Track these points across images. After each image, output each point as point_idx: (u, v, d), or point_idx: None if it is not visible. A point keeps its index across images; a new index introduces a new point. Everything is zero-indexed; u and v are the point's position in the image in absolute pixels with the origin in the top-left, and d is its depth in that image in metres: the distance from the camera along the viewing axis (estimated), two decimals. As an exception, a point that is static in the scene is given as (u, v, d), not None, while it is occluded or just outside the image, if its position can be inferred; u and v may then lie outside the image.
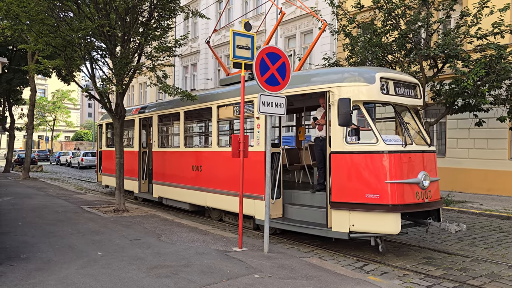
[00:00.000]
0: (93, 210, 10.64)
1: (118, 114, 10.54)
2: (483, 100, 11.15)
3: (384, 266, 6.33)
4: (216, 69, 28.99)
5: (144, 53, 10.35)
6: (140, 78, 36.93)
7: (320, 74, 7.77)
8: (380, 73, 6.93)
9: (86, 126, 75.72)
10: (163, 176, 11.80)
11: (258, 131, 8.20)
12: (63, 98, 57.78)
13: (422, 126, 7.65)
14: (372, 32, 12.84)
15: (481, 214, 11.15)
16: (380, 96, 6.86)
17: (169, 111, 11.79)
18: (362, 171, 6.69)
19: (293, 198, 8.36)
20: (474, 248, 7.53)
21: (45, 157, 50.90)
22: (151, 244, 6.94)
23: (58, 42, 9.37)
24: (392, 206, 6.42)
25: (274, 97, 6.46)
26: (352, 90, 6.84)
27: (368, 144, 6.72)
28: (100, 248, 6.62)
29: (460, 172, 15.66)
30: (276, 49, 6.61)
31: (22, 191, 15.25)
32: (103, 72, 11.06)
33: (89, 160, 35.75)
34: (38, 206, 11.19)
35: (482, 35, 11.28)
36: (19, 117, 28.23)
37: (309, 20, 21.72)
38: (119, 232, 7.90)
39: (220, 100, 9.53)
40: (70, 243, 6.89)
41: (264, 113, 6.39)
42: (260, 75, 6.35)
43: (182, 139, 11.00)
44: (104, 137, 16.24)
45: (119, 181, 10.58)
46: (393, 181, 6.45)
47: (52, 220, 9.02)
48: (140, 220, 9.32)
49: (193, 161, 10.38)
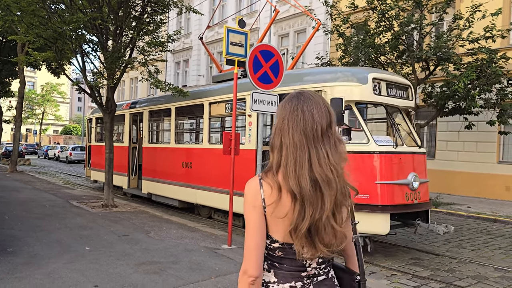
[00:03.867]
0: (81, 205, 10.54)
1: (108, 109, 10.44)
2: (473, 104, 11.23)
3: (372, 266, 6.36)
4: (208, 66, 28.89)
5: (136, 47, 10.26)
6: (132, 73, 36.66)
7: (313, 73, 7.77)
8: (373, 74, 6.95)
9: (76, 120, 74.98)
10: (153, 172, 11.73)
11: (249, 129, 8.19)
12: (52, 91, 57.11)
13: (413, 128, 7.70)
14: (366, 32, 12.89)
15: (469, 216, 11.26)
16: (373, 97, 6.88)
17: (160, 106, 11.72)
18: (352, 171, 6.69)
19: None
20: (461, 249, 7.60)
21: (33, 150, 50.22)
22: (139, 240, 6.89)
23: (49, 34, 9.24)
24: (381, 206, 6.45)
25: (267, 95, 6.44)
26: (344, 90, 6.85)
27: (359, 144, 6.73)
28: (88, 243, 6.56)
29: (449, 175, 15.79)
30: (270, 47, 6.59)
31: (9, 184, 15.05)
32: (94, 66, 10.94)
33: (77, 154, 35.41)
34: (26, 200, 11.05)
35: (474, 39, 11.37)
36: (7, 110, 27.82)
37: (303, 19, 21.72)
38: (108, 228, 7.83)
39: (212, 97, 9.50)
40: (58, 238, 6.81)
41: (256, 111, 6.38)
42: (253, 73, 6.33)
43: (172, 135, 10.94)
44: (94, 131, 16.10)
45: (108, 176, 10.49)
46: (383, 182, 6.48)
47: (39, 214, 8.92)
48: (129, 216, 9.26)
49: (184, 158, 10.33)
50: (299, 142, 1.50)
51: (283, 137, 1.53)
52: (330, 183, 1.47)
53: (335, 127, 1.58)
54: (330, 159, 1.49)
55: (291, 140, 1.50)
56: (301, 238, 1.46)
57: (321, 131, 1.51)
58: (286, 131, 1.52)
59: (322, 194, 1.46)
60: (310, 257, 1.51)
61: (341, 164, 1.54)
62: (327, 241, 1.48)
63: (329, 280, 1.60)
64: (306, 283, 1.54)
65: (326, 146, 1.51)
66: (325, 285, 1.58)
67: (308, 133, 1.50)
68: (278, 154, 1.53)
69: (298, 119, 1.52)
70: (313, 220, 1.45)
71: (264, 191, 1.51)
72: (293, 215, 1.46)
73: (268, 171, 1.56)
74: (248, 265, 1.51)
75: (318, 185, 1.46)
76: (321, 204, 1.46)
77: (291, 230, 1.47)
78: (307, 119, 1.51)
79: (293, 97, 1.59)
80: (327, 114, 1.55)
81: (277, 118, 1.59)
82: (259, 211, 1.52)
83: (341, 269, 1.69)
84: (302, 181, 1.45)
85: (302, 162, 1.47)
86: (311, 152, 1.49)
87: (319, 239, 1.47)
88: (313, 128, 1.50)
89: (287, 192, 1.48)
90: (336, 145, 1.54)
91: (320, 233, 1.47)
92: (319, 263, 1.57)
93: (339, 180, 1.50)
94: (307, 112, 1.52)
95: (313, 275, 1.56)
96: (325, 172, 1.47)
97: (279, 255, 1.54)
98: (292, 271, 1.54)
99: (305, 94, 1.58)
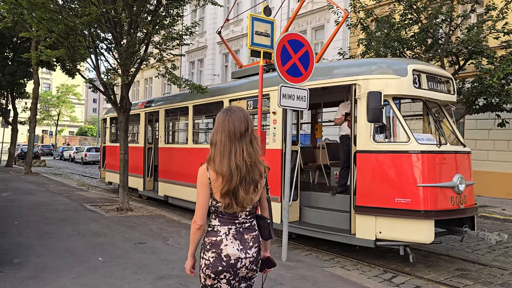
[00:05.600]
0: (95, 209, 10.06)
1: (123, 107, 9.94)
2: (509, 99, 10.47)
3: (416, 279, 5.69)
4: (223, 65, 28.36)
5: (151, 42, 9.72)
6: (146, 73, 36.38)
7: (343, 66, 7.15)
8: (413, 65, 6.29)
9: (91, 121, 75.23)
10: (169, 173, 11.20)
11: (274, 127, 7.58)
12: (67, 92, 57.28)
13: (454, 125, 7.01)
14: (390, 26, 12.20)
15: (506, 220, 10.49)
16: (412, 90, 6.21)
17: (177, 105, 11.17)
18: (391, 173, 6.05)
19: (310, 200, 7.73)
20: (509, 258, 6.89)
21: (49, 151, 50.39)
22: (157, 249, 6.34)
23: (60, 28, 8.76)
24: (425, 212, 5.78)
25: (297, 89, 5.83)
26: (381, 83, 6.19)
27: (399, 143, 6.09)
28: (101, 252, 6.03)
29: (479, 175, 14.90)
30: (299, 36, 5.98)
31: (22, 186, 14.70)
32: (108, 63, 10.44)
33: (93, 155, 35.24)
34: (38, 203, 10.62)
35: (510, 30, 10.59)
36: (22, 111, 27.68)
37: (321, 16, 21.06)
38: (123, 234, 7.31)
39: (232, 93, 8.91)
40: (69, 246, 6.30)
41: (284, 107, 5.77)
42: (281, 65, 5.72)
43: (190, 135, 10.39)
44: (108, 132, 15.65)
45: (123, 178, 10.00)
46: (426, 185, 5.81)
47: (51, 219, 8.44)
48: (145, 220, 8.73)
49: (202, 159, 9.72)
50: (224, 141, 2.31)
51: (216, 138, 2.34)
52: (241, 168, 2.29)
53: (252, 129, 2.38)
54: (244, 153, 2.31)
55: (219, 140, 2.32)
56: (225, 199, 2.32)
57: (240, 134, 2.31)
58: (216, 134, 2.34)
59: (234, 175, 2.28)
60: (231, 211, 2.36)
61: (255, 154, 2.36)
62: (241, 202, 2.33)
63: (252, 226, 2.45)
64: (238, 227, 2.38)
65: (243, 143, 2.32)
66: (249, 229, 2.41)
67: (231, 135, 2.30)
68: (213, 149, 2.34)
69: (224, 126, 2.33)
70: (228, 189, 2.29)
71: (209, 173, 2.33)
72: (221, 186, 2.30)
73: (209, 160, 2.35)
74: (197, 216, 2.38)
75: (233, 170, 2.28)
76: (234, 180, 2.28)
77: (220, 193, 2.32)
78: (230, 126, 2.31)
79: (223, 112, 2.41)
80: (245, 122, 2.35)
81: (215, 125, 2.40)
82: (206, 184, 2.34)
83: (259, 217, 2.52)
84: (224, 166, 2.28)
85: (224, 155, 2.29)
86: (231, 148, 2.30)
87: (235, 200, 2.32)
88: (234, 132, 2.31)
89: (218, 173, 2.30)
90: (251, 143, 2.36)
91: (236, 197, 2.32)
92: (246, 215, 2.41)
93: (251, 165, 2.33)
94: (230, 122, 2.33)
95: (242, 223, 2.40)
96: (239, 161, 2.29)
97: (220, 210, 2.37)
98: (228, 219, 2.37)
99: (231, 109, 2.40)
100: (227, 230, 2.35)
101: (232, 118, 2.32)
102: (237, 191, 2.29)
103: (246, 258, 2.36)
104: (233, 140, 2.29)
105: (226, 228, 2.35)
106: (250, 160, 2.30)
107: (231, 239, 2.34)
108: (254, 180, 2.33)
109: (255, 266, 2.43)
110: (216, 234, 2.36)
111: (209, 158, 2.33)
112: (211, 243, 2.35)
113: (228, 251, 2.32)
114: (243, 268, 2.36)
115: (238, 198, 2.31)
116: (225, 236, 2.34)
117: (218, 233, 2.35)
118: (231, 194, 2.29)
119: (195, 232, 2.39)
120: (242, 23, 26.48)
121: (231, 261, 2.32)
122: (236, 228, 2.36)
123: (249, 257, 2.37)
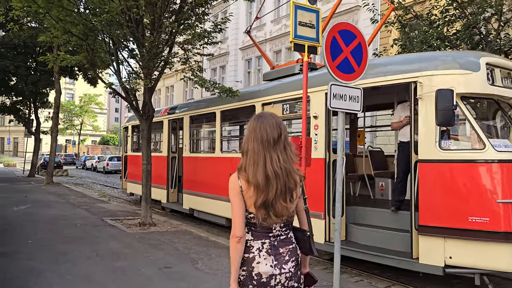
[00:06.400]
0: (116, 224, 9.31)
1: (145, 114, 9.21)
2: None
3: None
4: (246, 71, 27.68)
5: (176, 43, 8.96)
6: (167, 81, 36.01)
7: (397, 62, 6.22)
8: (486, 58, 5.31)
9: (113, 130, 75.65)
10: (195, 185, 10.38)
11: (315, 133, 6.68)
12: (90, 102, 57.71)
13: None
14: (430, 23, 11.20)
15: None
16: (486, 88, 5.23)
17: (203, 111, 10.38)
18: (463, 186, 5.06)
19: (357, 216, 6.78)
20: None
21: (72, 161, 50.57)
22: (186, 275, 5.49)
23: (79, 29, 8.09)
24: (506, 234, 4.78)
25: (349, 88, 4.92)
26: (448, 79, 5.24)
27: (472, 151, 5.11)
28: (122, 279, 5.21)
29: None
30: (350, 25, 5.08)
31: (42, 198, 14.12)
32: (130, 67, 9.74)
33: (114, 164, 34.89)
34: (56, 217, 9.93)
35: None
36: (45, 120, 27.48)
37: (349, 17, 20.14)
38: (146, 255, 6.49)
39: (265, 97, 8.05)
40: (86, 272, 5.50)
41: (335, 109, 4.86)
42: (331, 59, 4.80)
43: (218, 143, 9.56)
44: (130, 140, 14.99)
45: (145, 190, 9.24)
46: (508, 201, 4.81)
47: (68, 237, 7.70)
48: (170, 237, 7.91)
49: (231, 169, 8.89)
50: (257, 149, 2.22)
51: (248, 146, 2.26)
52: (278, 176, 2.18)
53: (286, 136, 2.28)
54: (279, 160, 2.21)
55: (251, 148, 2.24)
56: (260, 210, 2.19)
57: (273, 141, 2.22)
58: (248, 142, 2.26)
59: (271, 184, 2.17)
60: (268, 223, 2.22)
61: (289, 162, 2.24)
62: (279, 213, 2.19)
63: (289, 239, 2.30)
64: (272, 241, 2.24)
65: (277, 150, 2.22)
66: (285, 242, 2.27)
67: (264, 142, 2.22)
68: (245, 157, 2.26)
69: (256, 133, 2.25)
70: (264, 200, 2.16)
71: (241, 182, 2.22)
72: (255, 196, 2.18)
73: (240, 169, 2.25)
74: (235, 229, 2.21)
75: (269, 178, 2.17)
76: (270, 190, 2.17)
77: (254, 205, 2.19)
78: (263, 133, 2.23)
79: (254, 118, 2.32)
80: (278, 128, 2.26)
81: (246, 132, 2.33)
82: (239, 193, 2.21)
83: (297, 230, 2.38)
84: (258, 176, 2.17)
85: (258, 163, 2.19)
86: (265, 156, 2.20)
87: (272, 212, 2.19)
88: (267, 139, 2.22)
89: (251, 183, 2.19)
90: (285, 149, 2.26)
91: (273, 208, 2.18)
92: (281, 227, 2.27)
93: (287, 173, 2.21)
94: (262, 128, 2.24)
95: (277, 235, 2.26)
96: (275, 169, 2.18)
97: (254, 222, 2.23)
98: (262, 232, 2.24)
99: (263, 115, 2.32)
100: (261, 245, 2.22)
101: (264, 125, 2.24)
102: (274, 202, 2.17)
103: (281, 274, 2.20)
104: (267, 147, 2.20)
105: (259, 243, 2.22)
106: (285, 168, 2.21)
107: (264, 255, 2.20)
108: (290, 189, 2.23)
109: (295, 282, 2.25)
110: (248, 250, 2.22)
111: (240, 167, 2.25)
112: (243, 260, 2.21)
113: (260, 269, 2.18)
114: (278, 285, 2.19)
115: (276, 209, 2.19)
116: (258, 252, 2.21)
117: (251, 249, 2.22)
118: (268, 205, 2.17)
119: (235, 247, 2.18)
120: (265, 28, 25.73)
121: (262, 280, 2.17)
122: (271, 242, 2.23)
123: (284, 272, 2.21)
